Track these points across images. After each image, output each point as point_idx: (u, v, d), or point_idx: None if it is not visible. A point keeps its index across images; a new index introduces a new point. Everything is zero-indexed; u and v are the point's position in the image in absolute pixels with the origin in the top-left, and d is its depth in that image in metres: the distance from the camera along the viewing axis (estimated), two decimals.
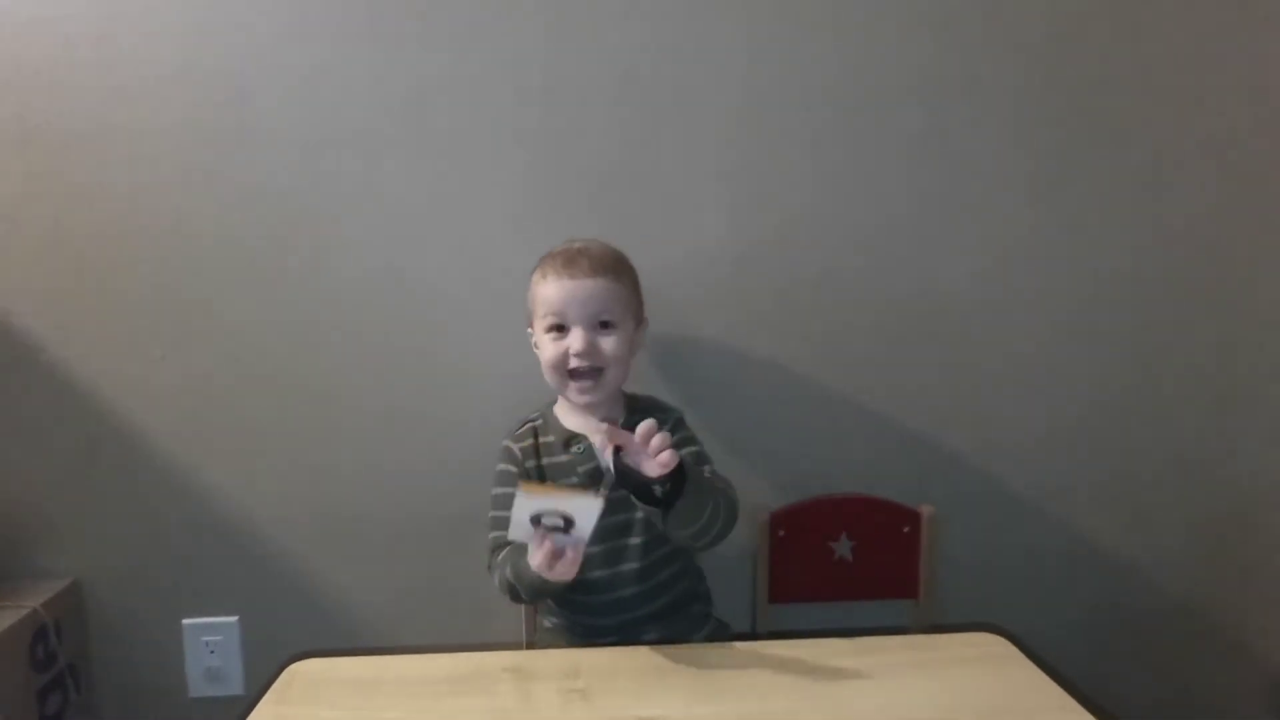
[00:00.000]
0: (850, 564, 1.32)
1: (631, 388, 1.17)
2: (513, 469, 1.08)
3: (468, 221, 1.33)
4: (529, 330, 1.13)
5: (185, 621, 1.38)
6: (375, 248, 1.33)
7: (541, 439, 1.10)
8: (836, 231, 1.35)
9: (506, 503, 0.98)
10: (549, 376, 1.08)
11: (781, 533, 1.30)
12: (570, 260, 1.06)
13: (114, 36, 1.26)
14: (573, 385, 1.06)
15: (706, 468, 1.07)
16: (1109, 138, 1.36)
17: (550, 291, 1.05)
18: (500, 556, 1.02)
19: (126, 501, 1.35)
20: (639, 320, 1.12)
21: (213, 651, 1.37)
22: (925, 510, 1.31)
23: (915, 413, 1.40)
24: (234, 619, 1.38)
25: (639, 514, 1.04)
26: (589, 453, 1.07)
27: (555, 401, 1.14)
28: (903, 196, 1.35)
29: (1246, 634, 1.48)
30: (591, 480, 1.05)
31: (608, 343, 1.04)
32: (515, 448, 1.10)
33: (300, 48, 1.28)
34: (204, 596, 1.38)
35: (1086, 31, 1.33)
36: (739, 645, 0.97)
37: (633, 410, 1.11)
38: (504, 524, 0.97)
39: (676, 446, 1.01)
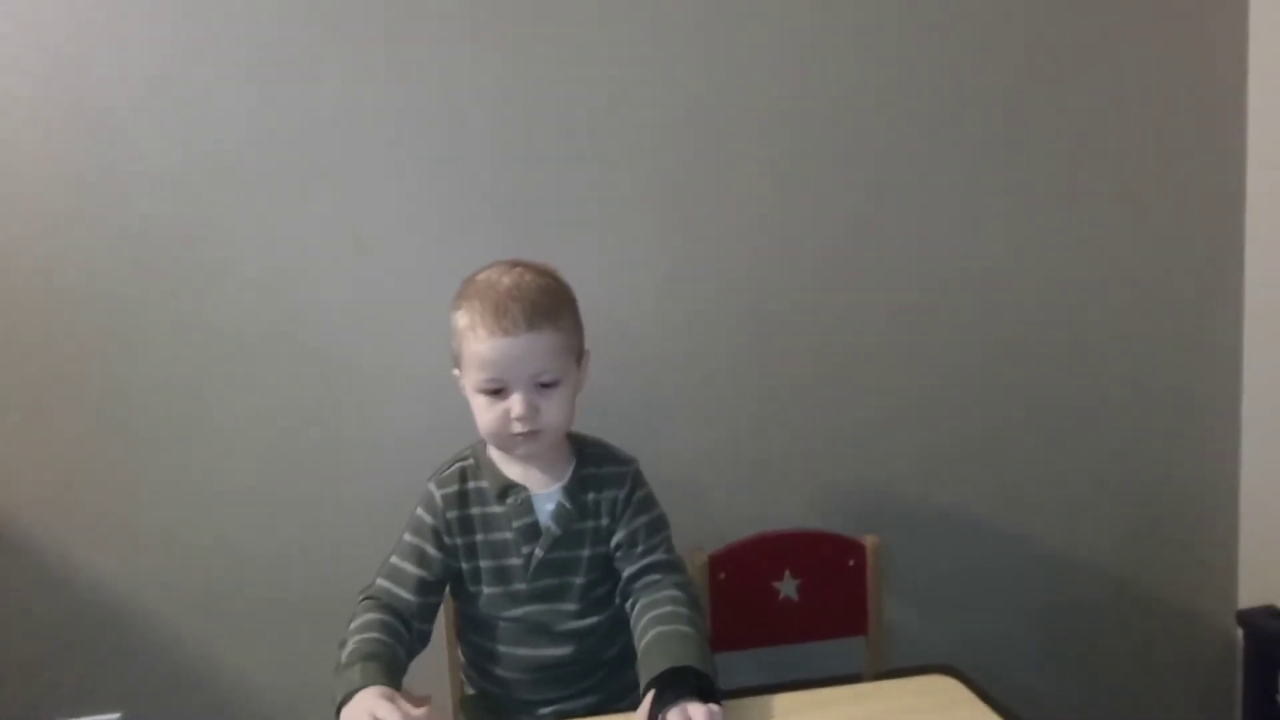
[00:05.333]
0: (796, 603, 1.26)
1: (579, 425, 1.06)
2: (428, 520, 0.97)
3: (370, 260, 1.25)
4: (455, 372, 0.99)
5: None
6: (265, 294, 1.24)
7: (472, 484, 0.99)
8: (765, 263, 1.34)
9: (411, 554, 0.97)
10: (487, 437, 0.97)
11: (722, 575, 1.24)
12: (501, 310, 0.91)
13: None
14: (516, 447, 0.95)
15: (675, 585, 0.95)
16: (1035, 166, 1.37)
17: (482, 350, 0.91)
18: (357, 619, 0.92)
19: None
20: (580, 357, 1.00)
21: None
22: (869, 541, 1.26)
23: (851, 441, 1.38)
24: (115, 718, 1.25)
25: (578, 579, 0.97)
26: (527, 505, 0.96)
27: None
28: (831, 227, 1.34)
29: (1189, 640, 1.49)
30: (527, 536, 0.96)
31: (550, 404, 0.93)
32: (438, 495, 0.98)
33: (176, 81, 1.19)
34: (80, 694, 1.24)
35: (1004, 44, 1.35)
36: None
37: (583, 462, 1.00)
38: (397, 577, 0.95)
39: (634, 512, 0.98)
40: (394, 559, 0.97)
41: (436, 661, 1.03)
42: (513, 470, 0.98)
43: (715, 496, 1.35)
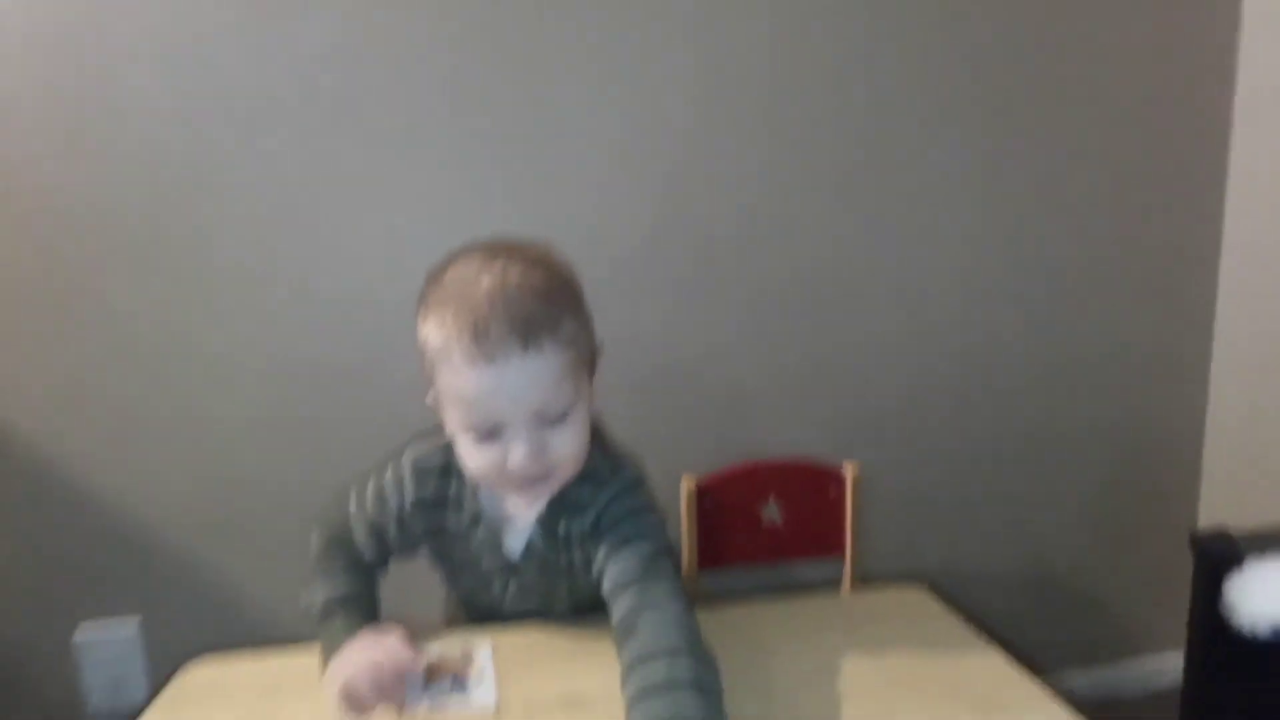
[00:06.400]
0: (779, 527, 1.32)
1: None
2: (393, 502, 0.81)
3: (366, 198, 1.26)
4: (429, 400, 0.77)
5: (80, 628, 1.29)
6: (263, 226, 1.24)
7: (454, 485, 0.81)
8: (753, 199, 1.34)
9: (371, 530, 0.83)
10: (481, 482, 0.78)
11: (708, 501, 1.29)
12: (481, 329, 0.68)
13: None
14: (520, 492, 0.76)
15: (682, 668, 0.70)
16: (1012, 130, 1.39)
17: (462, 385, 0.70)
18: (320, 561, 0.83)
19: (2, 505, 1.25)
20: (594, 360, 0.76)
21: (112, 658, 1.28)
22: (849, 469, 1.31)
23: (836, 374, 1.42)
24: (134, 621, 1.30)
25: (564, 593, 0.87)
26: (496, 538, 0.83)
27: None
28: (812, 163, 1.35)
29: (1152, 574, 1.57)
30: (499, 569, 0.84)
31: (562, 438, 0.72)
32: (410, 489, 0.81)
33: (174, 8, 1.17)
34: (99, 599, 1.29)
35: (979, 29, 1.35)
36: None
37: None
38: (357, 537, 0.83)
39: (620, 520, 0.78)
40: (354, 511, 0.84)
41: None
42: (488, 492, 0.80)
43: (703, 425, 1.39)
